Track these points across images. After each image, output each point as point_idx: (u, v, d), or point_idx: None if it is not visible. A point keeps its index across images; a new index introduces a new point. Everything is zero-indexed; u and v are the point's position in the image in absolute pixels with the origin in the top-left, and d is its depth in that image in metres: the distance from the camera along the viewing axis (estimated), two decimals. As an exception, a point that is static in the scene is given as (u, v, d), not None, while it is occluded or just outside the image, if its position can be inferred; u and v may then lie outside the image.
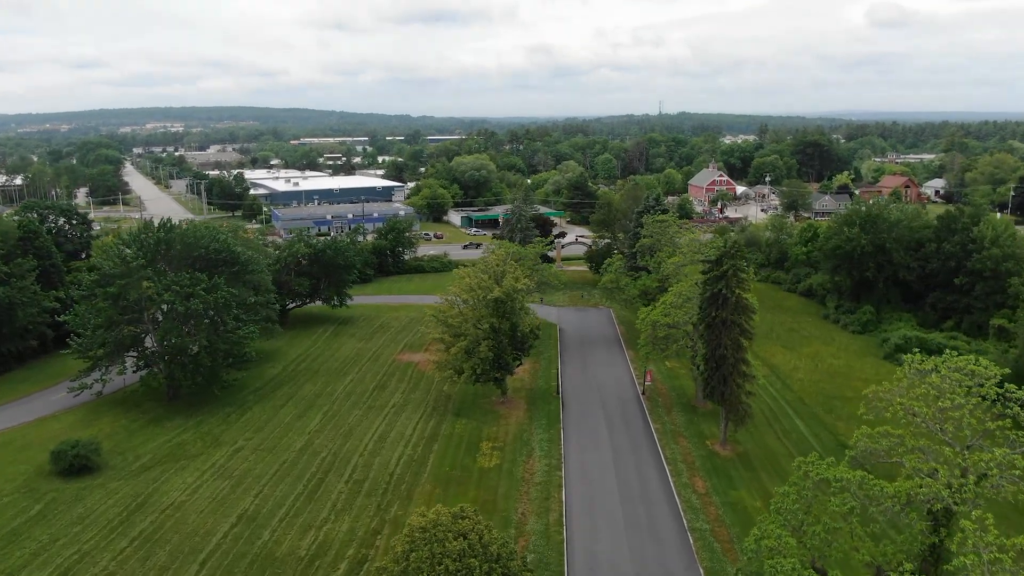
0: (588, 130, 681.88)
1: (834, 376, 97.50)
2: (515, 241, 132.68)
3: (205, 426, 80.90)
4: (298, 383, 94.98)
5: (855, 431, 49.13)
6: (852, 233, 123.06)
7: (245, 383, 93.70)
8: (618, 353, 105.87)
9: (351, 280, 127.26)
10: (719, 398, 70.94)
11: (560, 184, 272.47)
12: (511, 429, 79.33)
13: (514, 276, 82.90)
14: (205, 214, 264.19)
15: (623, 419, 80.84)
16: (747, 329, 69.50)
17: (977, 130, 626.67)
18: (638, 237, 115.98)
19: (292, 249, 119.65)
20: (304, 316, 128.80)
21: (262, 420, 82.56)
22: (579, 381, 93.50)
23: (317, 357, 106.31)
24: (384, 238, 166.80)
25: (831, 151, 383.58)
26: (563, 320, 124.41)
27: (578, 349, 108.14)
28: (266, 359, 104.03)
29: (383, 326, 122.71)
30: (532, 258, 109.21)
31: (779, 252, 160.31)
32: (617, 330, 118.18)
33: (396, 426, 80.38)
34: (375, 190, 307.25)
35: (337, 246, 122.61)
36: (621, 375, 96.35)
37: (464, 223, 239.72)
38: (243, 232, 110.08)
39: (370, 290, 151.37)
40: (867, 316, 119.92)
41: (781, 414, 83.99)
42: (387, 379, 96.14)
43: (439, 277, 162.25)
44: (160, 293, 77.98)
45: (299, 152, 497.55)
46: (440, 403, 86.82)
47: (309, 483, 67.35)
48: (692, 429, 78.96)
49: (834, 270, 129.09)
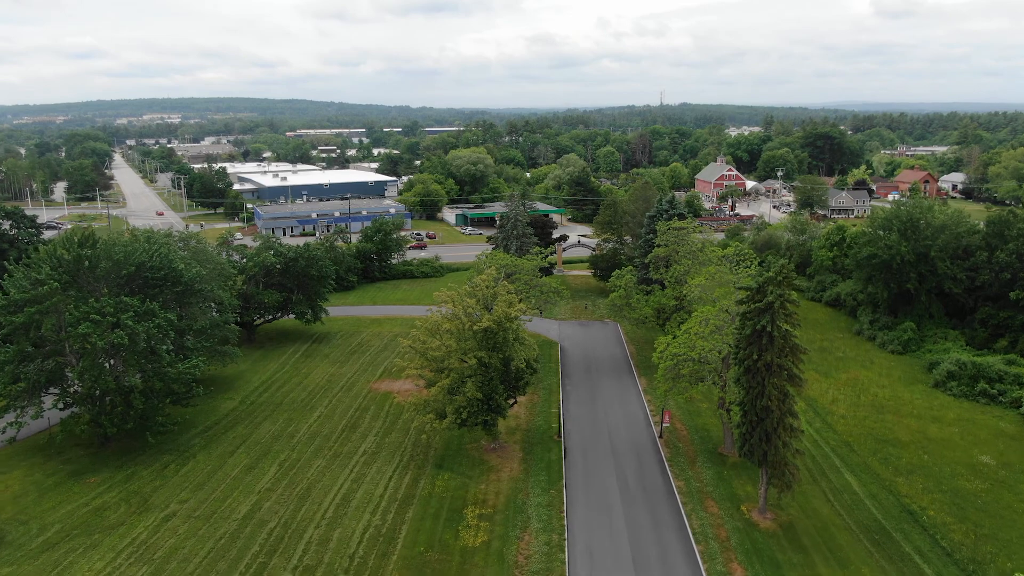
0: (589, 121, 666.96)
1: (881, 410, 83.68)
2: (510, 251, 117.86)
3: (135, 482, 67.08)
4: (255, 421, 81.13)
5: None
6: (891, 240, 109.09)
7: (193, 421, 79.97)
8: (629, 381, 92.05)
9: (327, 292, 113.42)
10: (759, 459, 57.14)
11: (561, 179, 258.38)
12: (503, 488, 65.55)
13: (507, 300, 69.00)
14: (185, 211, 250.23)
15: (638, 475, 67.02)
16: (796, 375, 55.62)
17: (987, 121, 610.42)
18: (650, 245, 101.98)
19: (258, 259, 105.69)
20: (275, 332, 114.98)
21: (205, 473, 68.75)
22: (584, 420, 79.69)
23: (283, 385, 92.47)
24: (369, 241, 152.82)
25: (842, 144, 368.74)
26: (565, 337, 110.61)
27: (583, 375, 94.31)
28: (223, 388, 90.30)
29: (362, 345, 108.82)
30: (529, 273, 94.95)
31: (801, 256, 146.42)
32: (626, 350, 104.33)
33: (365, 482, 66.61)
34: (367, 185, 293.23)
35: (310, 255, 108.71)
36: (633, 411, 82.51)
37: (459, 221, 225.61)
38: (198, 241, 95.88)
39: (352, 299, 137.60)
40: (908, 334, 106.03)
41: (827, 465, 70.15)
42: (360, 415, 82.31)
43: (429, 283, 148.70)
44: (75, 324, 63.99)
45: (291, 145, 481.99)
46: (420, 449, 73.03)
47: (247, 570, 53.57)
48: (722, 488, 65.14)
49: (868, 280, 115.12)
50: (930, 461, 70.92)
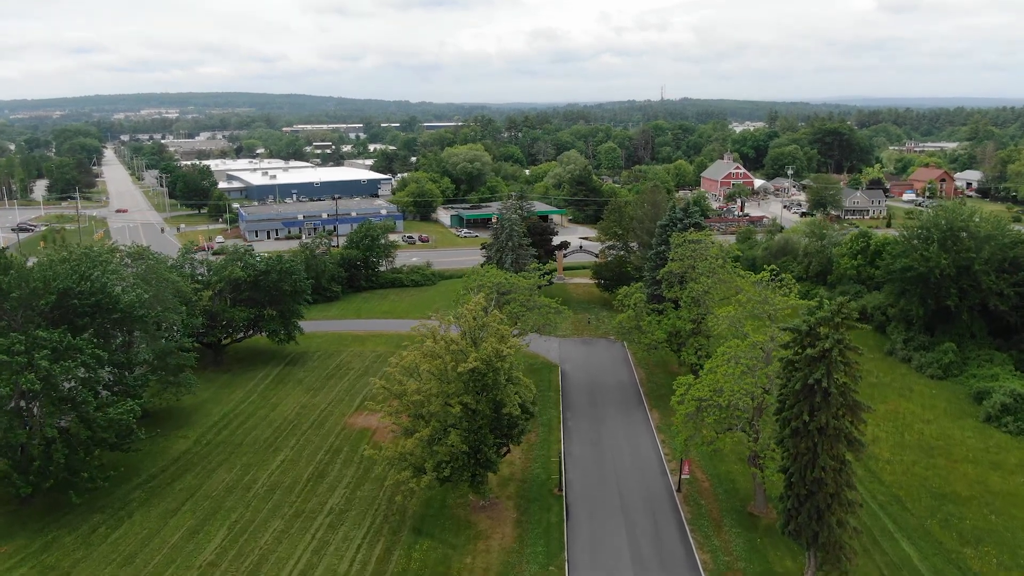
0: (589, 116, 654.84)
1: (931, 453, 72.71)
2: (504, 265, 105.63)
3: (54, 551, 56.15)
4: (209, 467, 70.19)
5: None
6: (930, 252, 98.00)
7: (136, 468, 69.03)
8: (639, 415, 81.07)
9: (303, 307, 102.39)
10: (808, 540, 46.21)
11: (561, 177, 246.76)
12: (493, 560, 54.63)
13: (498, 334, 58.02)
14: (167, 211, 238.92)
15: (654, 542, 56.09)
16: (857, 439, 44.65)
17: (994, 117, 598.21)
18: (662, 258, 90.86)
19: (224, 273, 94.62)
20: (247, 352, 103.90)
21: (139, 539, 57.80)
22: (589, 465, 68.80)
23: (247, 419, 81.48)
24: (355, 247, 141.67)
25: (851, 140, 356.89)
26: (566, 358, 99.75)
27: (586, 406, 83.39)
28: (178, 423, 79.42)
29: (341, 368, 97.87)
30: (526, 293, 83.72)
31: (821, 264, 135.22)
32: (635, 375, 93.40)
33: (328, 552, 55.74)
34: (360, 184, 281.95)
35: (283, 268, 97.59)
36: (645, 453, 71.58)
37: (454, 222, 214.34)
38: (151, 257, 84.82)
39: (335, 311, 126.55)
40: (949, 356, 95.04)
41: (879, 530, 59.14)
42: (330, 460, 71.38)
43: (420, 293, 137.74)
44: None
45: (284, 141, 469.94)
46: (396, 507, 62.05)
47: None
48: (757, 562, 54.14)
49: (901, 294, 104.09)
50: (999, 524, 59.98)
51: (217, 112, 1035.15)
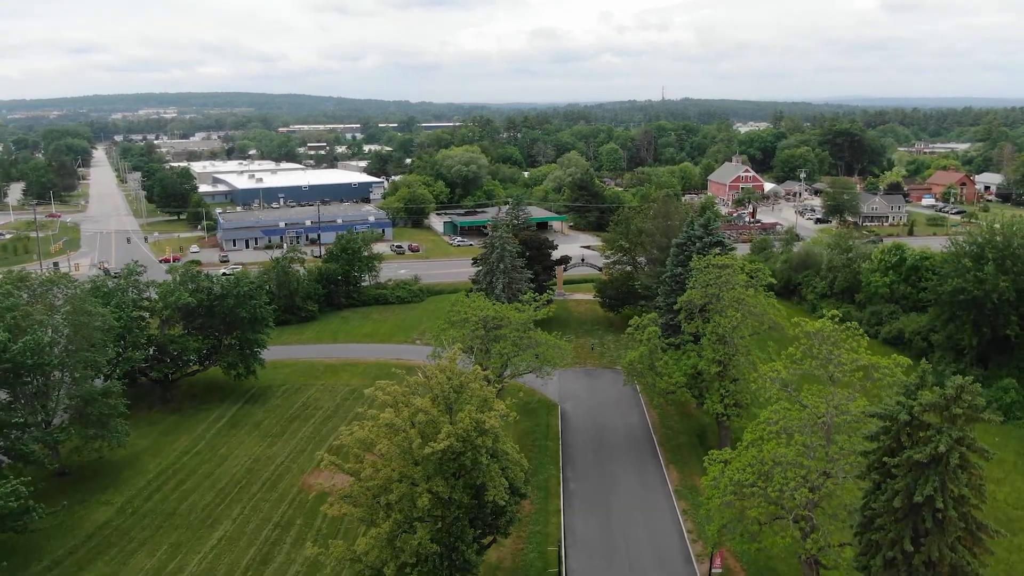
0: (589, 116, 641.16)
1: (1009, 525, 59.47)
2: (495, 291, 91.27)
3: None
4: (129, 547, 57.23)
5: None
6: (985, 273, 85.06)
7: (35, 550, 56.11)
8: (654, 472, 68.11)
9: (265, 336, 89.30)
10: None
11: (562, 180, 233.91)
12: None
13: (479, 398, 45.04)
14: (145, 217, 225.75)
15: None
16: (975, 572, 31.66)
17: (1003, 116, 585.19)
18: (678, 282, 77.78)
19: (170, 299, 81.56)
20: (203, 386, 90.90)
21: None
22: (596, 548, 55.83)
23: (187, 478, 68.50)
24: (334, 260, 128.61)
25: (863, 141, 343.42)
26: (567, 395, 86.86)
27: (591, 460, 70.45)
28: (105, 481, 66.60)
29: (307, 407, 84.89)
30: (520, 330, 70.39)
31: (847, 279, 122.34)
32: (646, 418, 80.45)
33: None
34: (350, 187, 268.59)
35: (240, 292, 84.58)
36: (665, 532, 58.55)
37: (448, 230, 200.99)
38: (70, 284, 71.77)
39: (309, 334, 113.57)
40: (1011, 395, 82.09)
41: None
42: (279, 536, 58.44)
43: (406, 311, 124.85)
44: None
45: (276, 141, 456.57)
46: (352, 612, 49.09)
47: None
48: None
49: (949, 319, 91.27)
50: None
51: (215, 112, 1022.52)
